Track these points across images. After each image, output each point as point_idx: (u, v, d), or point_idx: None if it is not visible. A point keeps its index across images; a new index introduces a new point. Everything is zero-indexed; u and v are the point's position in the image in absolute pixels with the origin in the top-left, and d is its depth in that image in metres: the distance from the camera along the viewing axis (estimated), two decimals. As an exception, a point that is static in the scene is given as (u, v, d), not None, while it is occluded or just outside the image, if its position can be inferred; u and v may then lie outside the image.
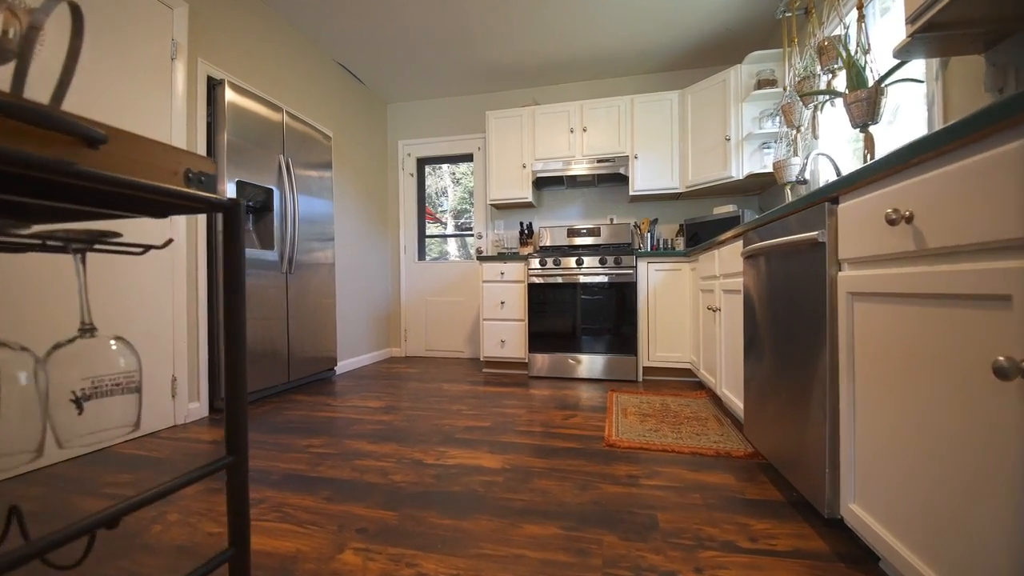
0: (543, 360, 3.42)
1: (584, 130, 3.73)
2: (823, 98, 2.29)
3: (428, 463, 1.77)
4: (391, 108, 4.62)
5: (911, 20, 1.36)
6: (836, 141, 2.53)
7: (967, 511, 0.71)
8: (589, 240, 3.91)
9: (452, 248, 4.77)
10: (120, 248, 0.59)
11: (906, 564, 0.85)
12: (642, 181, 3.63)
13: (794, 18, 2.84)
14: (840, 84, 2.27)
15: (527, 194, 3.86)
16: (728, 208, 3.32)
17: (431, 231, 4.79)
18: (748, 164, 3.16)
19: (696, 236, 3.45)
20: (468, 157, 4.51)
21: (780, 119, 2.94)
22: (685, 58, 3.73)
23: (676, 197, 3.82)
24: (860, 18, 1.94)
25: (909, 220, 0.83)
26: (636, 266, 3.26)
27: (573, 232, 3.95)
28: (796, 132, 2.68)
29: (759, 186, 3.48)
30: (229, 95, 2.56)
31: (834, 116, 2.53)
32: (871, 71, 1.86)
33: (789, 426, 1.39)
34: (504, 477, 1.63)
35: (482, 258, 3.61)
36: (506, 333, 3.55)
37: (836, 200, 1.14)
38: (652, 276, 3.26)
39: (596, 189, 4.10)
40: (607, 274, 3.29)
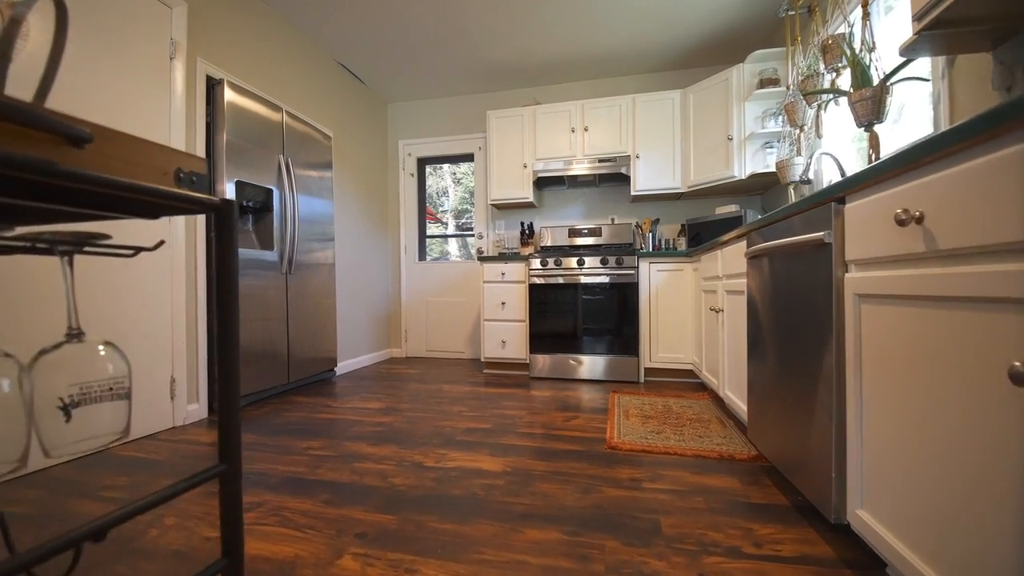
0: (544, 361, 3.40)
1: (585, 130, 3.71)
2: (827, 97, 2.27)
3: (428, 466, 1.75)
4: (392, 108, 4.61)
5: (918, 17, 1.34)
6: (840, 140, 2.51)
7: (980, 519, 0.69)
8: (590, 240, 3.89)
9: (453, 248, 4.75)
10: (109, 250, 0.57)
11: (915, 572, 0.83)
12: (644, 181, 3.61)
13: (797, 16, 2.82)
14: (844, 83, 2.25)
15: (528, 194, 3.84)
16: (730, 208, 3.30)
17: (432, 231, 4.77)
18: (751, 164, 3.14)
19: (698, 236, 3.43)
20: (469, 157, 4.49)
21: (783, 118, 2.92)
22: (687, 57, 3.71)
23: (678, 197, 3.80)
24: (865, 16, 1.92)
25: (919, 221, 0.81)
26: (638, 266, 3.24)
27: (574, 232, 3.93)
28: (799, 131, 2.66)
29: (761, 186, 3.46)
30: (228, 95, 2.55)
31: (838, 115, 2.50)
32: (876, 69, 1.84)
33: (794, 429, 1.37)
34: (505, 480, 1.62)
35: (483, 258, 3.59)
36: (507, 334, 3.53)
37: (842, 200, 1.12)
38: (654, 276, 3.24)
39: (597, 189, 4.08)
40: (608, 274, 3.27)
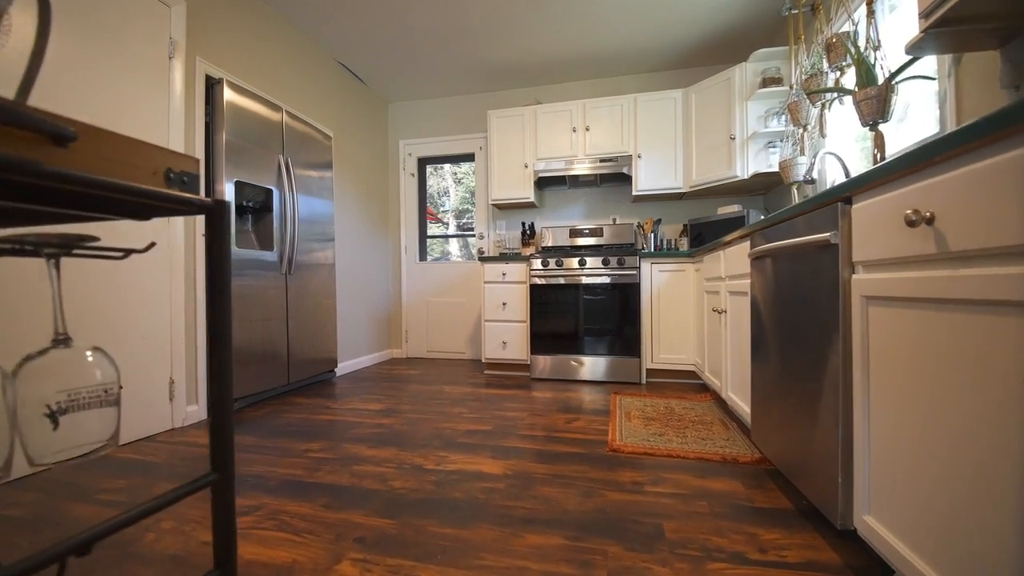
0: (545, 362, 3.38)
1: (587, 129, 3.69)
2: (831, 96, 2.24)
3: (428, 468, 1.74)
4: (392, 107, 4.59)
5: (924, 15, 1.32)
6: (843, 140, 2.49)
7: (994, 528, 0.67)
8: (592, 240, 3.87)
9: (454, 248, 4.74)
10: (98, 253, 0.56)
11: (926, 581, 0.81)
12: (645, 181, 3.59)
13: (800, 15, 2.79)
14: (848, 82, 2.22)
15: (529, 194, 3.82)
16: (733, 208, 3.28)
17: (433, 231, 4.75)
18: (753, 163, 3.12)
19: (700, 236, 3.40)
20: (470, 157, 4.47)
21: (786, 118, 2.90)
22: (689, 56, 3.69)
23: (680, 197, 3.78)
24: (870, 14, 1.89)
25: (930, 222, 0.79)
26: (639, 267, 3.22)
27: (575, 232, 3.91)
28: (803, 131, 2.64)
29: (764, 186, 3.43)
30: (228, 94, 2.53)
31: (842, 114, 2.48)
32: (881, 68, 1.82)
33: (798, 432, 1.35)
34: (506, 484, 1.60)
35: (484, 259, 3.58)
36: (508, 334, 3.51)
37: (849, 200, 1.10)
38: (656, 277, 3.22)
39: (599, 189, 4.06)
40: (610, 275, 3.25)
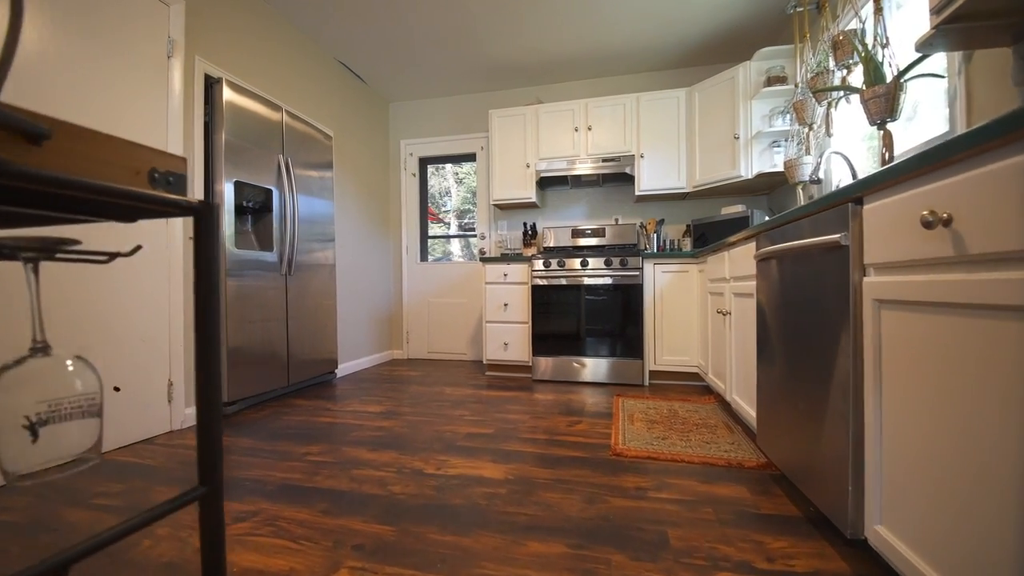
0: (547, 363, 3.35)
1: (589, 129, 3.66)
2: (838, 95, 2.21)
3: (428, 473, 1.71)
4: (393, 107, 4.57)
5: (935, 11, 1.29)
6: (850, 139, 2.46)
7: (1013, 541, 0.64)
8: (594, 241, 3.84)
9: (455, 248, 4.71)
10: (80, 257, 0.53)
11: (943, 596, 0.78)
12: (648, 181, 3.56)
13: (806, 13, 2.76)
14: (854, 80, 2.19)
15: (531, 194, 3.79)
16: (737, 208, 3.24)
17: (435, 231, 4.73)
18: (757, 163, 3.09)
19: (703, 237, 3.37)
20: (471, 156, 4.44)
21: (791, 117, 2.86)
22: (692, 55, 3.65)
23: (683, 197, 3.75)
24: (877, 11, 1.86)
25: (947, 223, 0.76)
26: (642, 267, 3.19)
27: (577, 233, 3.88)
28: (808, 130, 2.60)
29: (768, 186, 3.40)
30: (227, 94, 2.51)
31: (848, 113, 2.45)
32: (890, 66, 1.79)
33: (805, 437, 1.32)
34: (507, 489, 1.57)
35: (485, 259, 3.55)
36: (509, 336, 3.49)
37: (860, 201, 1.07)
38: (659, 278, 3.18)
39: (601, 189, 4.03)
40: (612, 276, 3.22)
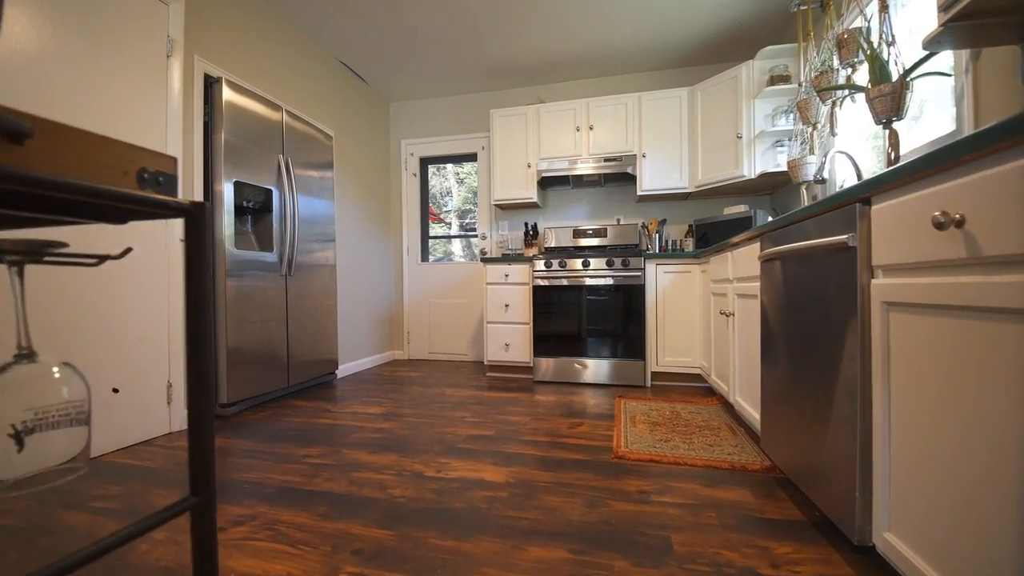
0: (548, 364, 3.33)
1: (590, 128, 3.64)
2: (842, 93, 2.19)
3: (429, 476, 1.70)
4: (394, 107, 4.55)
5: (943, 9, 1.27)
6: (854, 139, 2.43)
7: (1033, 555, 0.63)
8: (595, 241, 3.82)
9: (456, 249, 4.70)
10: (67, 260, 0.52)
11: (955, 606, 0.76)
12: (650, 180, 3.54)
13: (809, 11, 2.74)
14: (859, 79, 2.17)
15: (532, 194, 3.77)
16: (739, 208, 3.22)
17: (436, 231, 4.71)
18: (760, 163, 3.06)
19: (706, 237, 3.35)
20: (472, 156, 4.43)
21: (795, 116, 2.84)
22: (694, 54, 3.63)
23: (685, 197, 3.72)
24: (883, 8, 1.84)
25: (960, 224, 0.74)
26: (644, 268, 3.16)
27: (579, 233, 3.86)
28: (812, 129, 2.58)
29: (771, 186, 3.38)
30: (227, 94, 2.50)
31: (852, 113, 2.42)
32: (895, 64, 1.77)
33: (811, 440, 1.30)
34: (508, 492, 1.55)
35: (486, 260, 3.53)
36: (510, 336, 3.47)
37: (868, 201, 1.05)
38: (661, 278, 3.16)
39: (603, 189, 4.01)
40: (614, 276, 3.20)
